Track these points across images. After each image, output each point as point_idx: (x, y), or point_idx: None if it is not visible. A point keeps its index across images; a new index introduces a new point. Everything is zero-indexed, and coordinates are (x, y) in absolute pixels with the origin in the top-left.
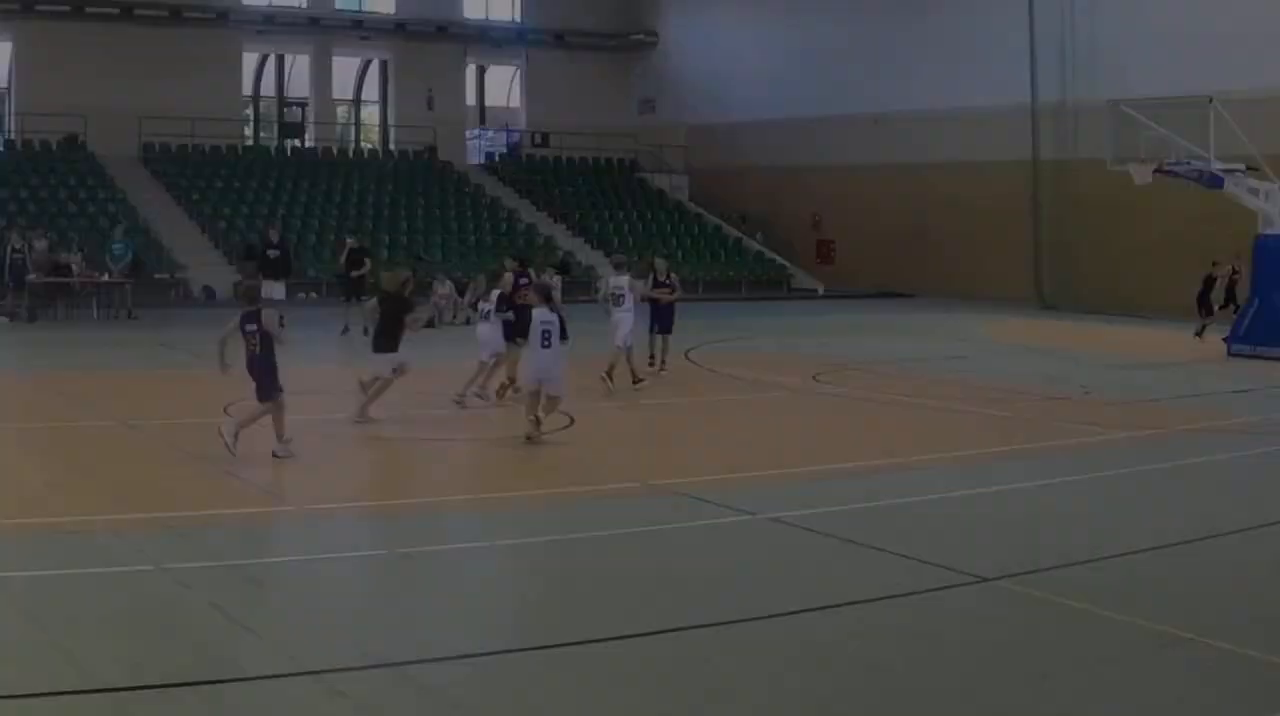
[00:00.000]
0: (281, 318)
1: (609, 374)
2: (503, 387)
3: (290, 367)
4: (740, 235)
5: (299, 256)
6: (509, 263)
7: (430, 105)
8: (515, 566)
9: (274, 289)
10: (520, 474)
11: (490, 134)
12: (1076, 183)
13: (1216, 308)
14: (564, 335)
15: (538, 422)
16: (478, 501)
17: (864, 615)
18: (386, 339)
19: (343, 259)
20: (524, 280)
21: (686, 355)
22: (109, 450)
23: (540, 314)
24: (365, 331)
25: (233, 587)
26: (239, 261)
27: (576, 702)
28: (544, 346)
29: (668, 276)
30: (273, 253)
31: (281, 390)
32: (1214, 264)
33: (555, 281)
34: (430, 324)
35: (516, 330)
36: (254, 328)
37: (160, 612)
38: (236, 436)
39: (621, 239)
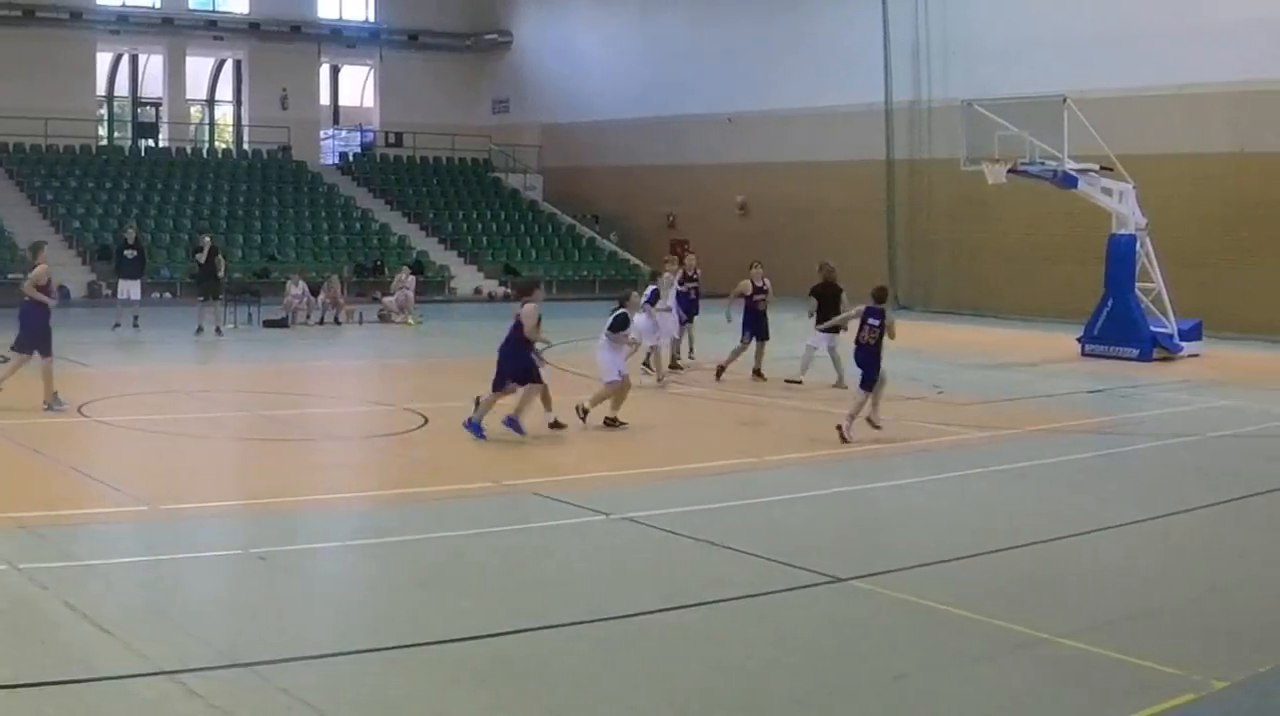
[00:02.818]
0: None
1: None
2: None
3: (149, 367)
4: (594, 235)
5: (153, 256)
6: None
7: (284, 105)
8: (370, 566)
9: (130, 288)
10: (375, 474)
11: (344, 134)
12: (930, 183)
13: None
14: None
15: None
16: (332, 501)
17: (719, 615)
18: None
19: (203, 258)
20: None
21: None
22: None
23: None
24: (217, 331)
25: (88, 587)
26: (94, 261)
27: (432, 703)
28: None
29: (763, 281)
30: (129, 253)
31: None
32: None
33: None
34: (284, 323)
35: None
36: (877, 322)
37: (15, 612)
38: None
39: (475, 239)
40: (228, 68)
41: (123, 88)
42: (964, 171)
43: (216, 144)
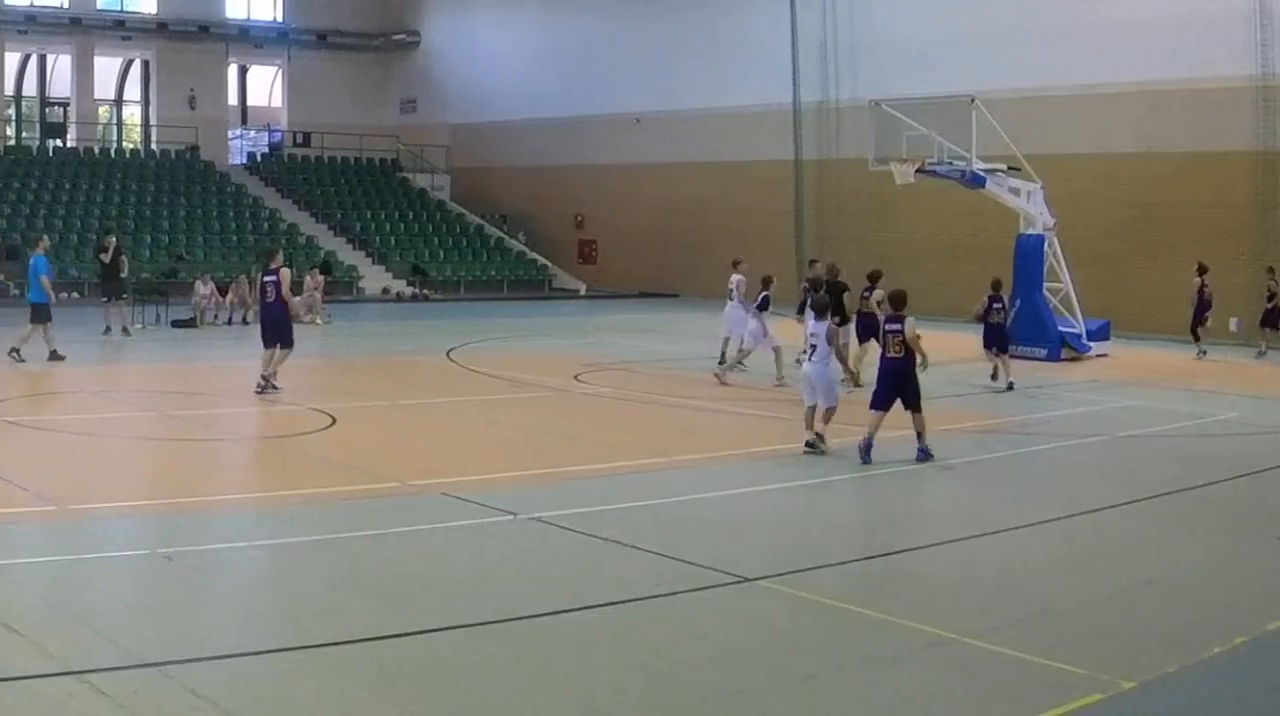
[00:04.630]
0: None
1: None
2: None
3: (56, 367)
4: (502, 235)
5: (61, 256)
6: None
7: (192, 105)
8: (276, 566)
9: None
10: (282, 474)
11: (252, 134)
12: (839, 182)
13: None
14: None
15: (818, 436)
16: (239, 501)
17: (627, 615)
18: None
19: (108, 257)
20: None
21: (448, 355)
22: None
23: (812, 326)
24: (124, 331)
25: None
26: (2, 261)
27: (340, 703)
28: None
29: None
30: None
31: None
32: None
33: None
34: (192, 323)
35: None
36: (999, 306)
37: None
38: None
39: (383, 238)
40: (136, 67)
41: (31, 87)
42: (872, 171)
43: (124, 144)
